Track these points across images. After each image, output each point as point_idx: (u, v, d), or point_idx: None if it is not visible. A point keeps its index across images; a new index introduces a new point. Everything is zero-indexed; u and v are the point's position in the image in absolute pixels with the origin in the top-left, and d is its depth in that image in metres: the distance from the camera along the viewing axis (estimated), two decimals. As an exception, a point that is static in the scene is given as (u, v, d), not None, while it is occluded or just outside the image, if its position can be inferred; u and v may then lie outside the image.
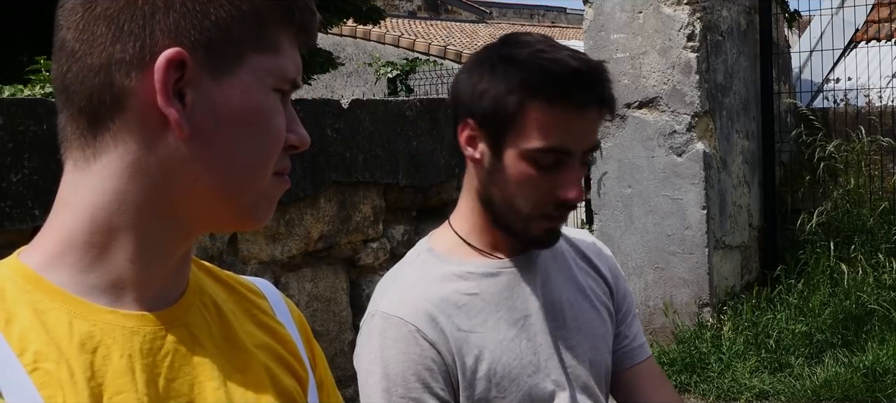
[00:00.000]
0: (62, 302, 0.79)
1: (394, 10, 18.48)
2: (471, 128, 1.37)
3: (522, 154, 1.34)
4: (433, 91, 10.36)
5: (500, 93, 1.33)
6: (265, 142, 0.83)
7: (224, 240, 2.89)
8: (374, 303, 1.43)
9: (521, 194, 1.37)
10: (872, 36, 8.13)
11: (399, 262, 1.51)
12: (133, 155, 0.80)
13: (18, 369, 0.75)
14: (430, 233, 1.53)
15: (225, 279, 0.95)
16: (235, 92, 0.81)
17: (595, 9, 5.71)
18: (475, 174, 1.42)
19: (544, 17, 26.08)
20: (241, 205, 0.85)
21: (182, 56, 0.78)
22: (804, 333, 5.23)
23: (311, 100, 3.25)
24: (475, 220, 1.45)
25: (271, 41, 0.83)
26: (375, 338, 1.38)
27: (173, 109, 0.78)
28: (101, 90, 0.79)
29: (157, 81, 0.78)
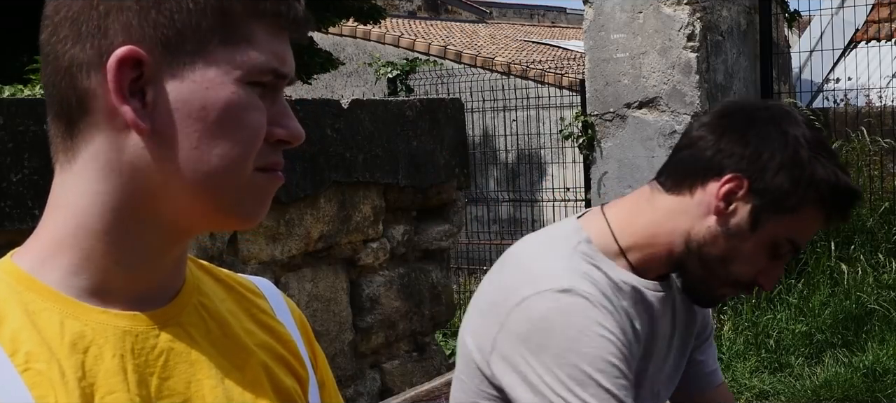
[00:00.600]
0: (54, 302, 0.79)
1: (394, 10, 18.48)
2: (739, 187, 1.36)
3: (774, 240, 1.38)
4: (433, 91, 10.36)
5: (796, 186, 1.34)
6: (236, 138, 0.80)
7: (224, 240, 2.89)
8: (541, 282, 1.34)
9: (743, 266, 1.39)
10: (872, 36, 8.13)
11: (549, 241, 1.45)
12: (104, 156, 0.80)
13: (10, 369, 0.75)
14: (580, 217, 1.47)
15: (224, 278, 0.95)
16: (198, 87, 0.79)
17: (595, 9, 5.71)
18: (699, 219, 1.39)
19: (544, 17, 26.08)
20: (221, 205, 0.82)
21: (135, 53, 0.77)
22: (804, 333, 5.23)
23: (311, 100, 3.25)
24: (648, 245, 1.42)
25: (240, 33, 0.80)
26: (582, 309, 1.31)
27: (128, 107, 0.77)
28: (68, 93, 0.79)
29: (110, 81, 0.77)
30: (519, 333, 1.32)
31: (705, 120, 1.43)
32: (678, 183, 1.41)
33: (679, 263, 1.41)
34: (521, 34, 17.51)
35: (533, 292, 1.33)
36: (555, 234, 1.46)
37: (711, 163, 1.37)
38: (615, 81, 5.68)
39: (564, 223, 1.49)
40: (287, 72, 0.84)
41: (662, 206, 1.42)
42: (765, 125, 1.37)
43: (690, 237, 1.39)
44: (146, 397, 0.79)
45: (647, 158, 5.59)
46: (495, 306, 1.37)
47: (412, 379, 3.54)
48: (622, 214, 1.45)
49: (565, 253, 1.39)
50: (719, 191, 1.36)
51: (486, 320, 1.39)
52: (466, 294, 7.73)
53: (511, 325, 1.33)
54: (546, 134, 9.88)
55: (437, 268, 3.78)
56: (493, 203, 10.40)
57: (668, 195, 1.42)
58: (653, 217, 1.42)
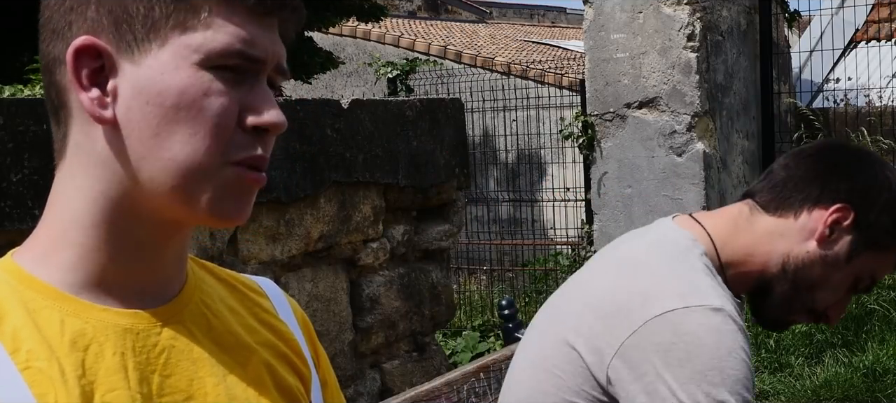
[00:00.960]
0: (54, 300, 0.79)
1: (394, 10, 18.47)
2: (845, 218, 1.42)
3: (861, 273, 1.44)
4: (433, 91, 10.36)
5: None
6: (196, 124, 0.78)
7: (224, 240, 2.89)
8: (690, 297, 1.33)
9: (827, 294, 1.45)
10: (872, 36, 8.13)
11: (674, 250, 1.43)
12: (83, 149, 0.81)
13: (11, 367, 0.75)
14: (688, 229, 1.47)
15: (226, 277, 0.95)
16: (153, 73, 0.78)
17: (595, 9, 5.71)
18: (799, 242, 1.43)
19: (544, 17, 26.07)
20: (194, 198, 0.79)
21: (91, 42, 0.78)
22: (804, 333, 5.23)
23: (311, 100, 3.25)
24: (744, 263, 1.45)
25: (198, 16, 0.78)
26: (731, 331, 1.31)
27: (85, 95, 0.78)
28: (50, 90, 0.82)
29: (68, 71, 0.78)
30: (659, 343, 1.30)
31: (809, 150, 1.49)
32: (781, 205, 1.44)
33: (768, 284, 1.44)
34: (521, 34, 17.51)
35: (682, 305, 1.32)
36: (676, 241, 1.44)
37: (821, 191, 1.42)
38: (615, 81, 5.68)
39: (674, 231, 1.48)
40: (258, 55, 0.80)
41: (763, 227, 1.45)
42: (871, 165, 1.45)
43: (788, 259, 1.43)
44: (147, 394, 0.79)
45: (647, 158, 5.59)
46: (625, 311, 1.35)
47: (412, 379, 3.54)
48: (722, 229, 1.46)
49: (699, 268, 1.40)
50: (828, 219, 1.41)
51: (609, 322, 1.36)
52: (466, 294, 7.73)
53: (648, 334, 1.31)
54: (546, 134, 9.88)
55: (437, 268, 3.77)
56: (493, 203, 10.40)
57: (769, 216, 1.45)
58: (752, 236, 1.45)
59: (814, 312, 1.47)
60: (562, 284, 1.62)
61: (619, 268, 1.45)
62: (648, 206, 5.59)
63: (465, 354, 5.82)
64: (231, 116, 0.79)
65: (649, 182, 5.58)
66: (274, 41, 0.82)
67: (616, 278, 1.43)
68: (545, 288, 7.78)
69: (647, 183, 5.59)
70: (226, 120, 0.79)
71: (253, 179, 0.81)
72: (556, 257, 8.52)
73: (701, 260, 1.41)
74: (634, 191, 5.64)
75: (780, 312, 1.47)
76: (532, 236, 9.84)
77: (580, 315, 1.42)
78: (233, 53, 0.79)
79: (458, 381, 1.98)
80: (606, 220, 5.75)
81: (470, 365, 2.07)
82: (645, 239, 1.50)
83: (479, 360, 2.11)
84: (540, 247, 9.43)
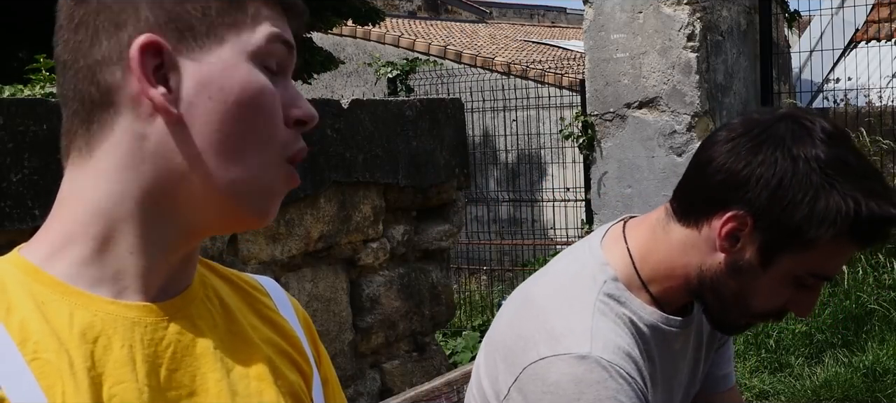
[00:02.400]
0: (62, 293, 0.79)
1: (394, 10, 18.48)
2: (743, 225, 1.26)
3: (793, 274, 1.27)
4: (433, 91, 10.36)
5: (808, 221, 1.22)
6: (256, 116, 0.82)
7: (224, 240, 2.89)
8: (560, 343, 1.26)
9: (761, 300, 1.30)
10: (872, 36, 8.14)
11: (573, 284, 1.35)
12: (126, 145, 0.81)
13: (18, 359, 0.75)
14: (604, 239, 1.39)
15: (229, 276, 0.96)
16: (216, 69, 0.81)
17: (595, 9, 5.71)
18: (708, 254, 1.30)
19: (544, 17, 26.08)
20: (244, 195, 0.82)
21: (153, 40, 0.79)
22: (804, 333, 5.23)
23: (311, 100, 3.25)
24: (667, 278, 1.34)
25: (248, 15, 0.82)
26: (597, 381, 1.23)
27: (157, 92, 0.79)
28: (90, 91, 0.81)
29: (135, 69, 0.79)
30: (533, 391, 1.25)
31: (719, 136, 1.31)
32: (686, 214, 1.32)
33: (697, 295, 1.35)
34: (521, 34, 17.51)
35: (550, 353, 1.25)
36: (579, 273, 1.36)
37: (715, 196, 1.27)
38: (615, 81, 5.68)
39: (589, 254, 1.39)
40: (292, 42, 0.86)
41: (676, 238, 1.33)
42: (772, 150, 1.24)
43: (703, 272, 1.31)
44: (155, 387, 0.80)
45: (647, 158, 5.59)
46: (512, 355, 1.30)
47: (412, 379, 3.54)
48: (642, 242, 1.36)
49: (588, 303, 1.30)
50: (722, 230, 1.27)
51: (500, 367, 1.32)
52: (466, 294, 7.73)
53: (524, 383, 1.26)
54: (546, 134, 9.88)
55: (437, 268, 3.78)
56: (493, 203, 10.40)
57: (680, 226, 1.33)
58: (668, 250, 1.34)
59: (763, 315, 1.34)
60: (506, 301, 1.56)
61: (519, 306, 1.38)
62: (648, 206, 5.59)
63: (465, 354, 5.82)
64: (280, 111, 0.84)
65: (649, 182, 5.58)
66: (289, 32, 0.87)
67: (513, 318, 1.36)
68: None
69: (647, 183, 5.59)
70: (278, 115, 0.83)
71: (295, 179, 0.86)
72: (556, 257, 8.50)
73: (595, 292, 1.32)
74: (634, 191, 5.64)
75: (724, 320, 1.36)
76: (532, 236, 9.84)
77: (487, 352, 1.38)
78: (275, 38, 0.83)
79: (458, 381, 1.98)
80: (606, 220, 5.73)
81: (470, 365, 2.07)
82: (556, 263, 1.43)
83: (479, 360, 2.11)
84: (540, 247, 9.43)
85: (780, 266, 1.26)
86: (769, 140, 1.25)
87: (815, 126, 1.25)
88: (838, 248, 1.25)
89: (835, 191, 1.22)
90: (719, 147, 1.28)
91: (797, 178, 1.22)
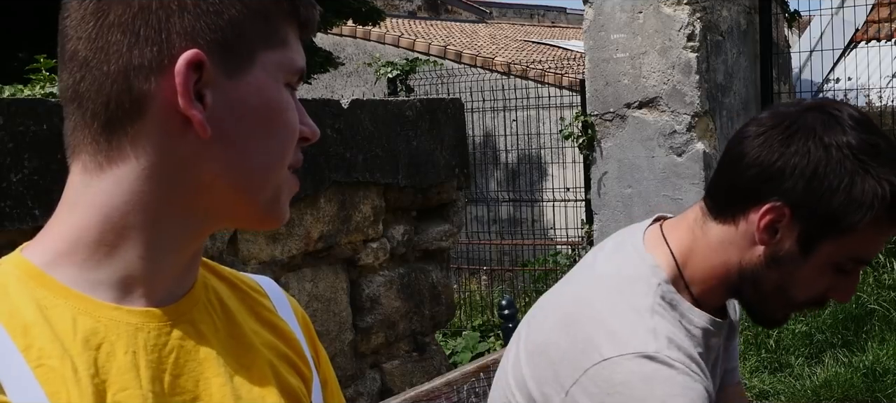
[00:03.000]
0: (66, 298, 0.79)
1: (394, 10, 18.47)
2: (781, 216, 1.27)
3: (834, 261, 1.29)
4: (433, 91, 10.35)
5: (845, 207, 1.24)
6: (282, 137, 0.84)
7: (224, 240, 2.89)
8: (626, 344, 1.26)
9: (802, 289, 1.32)
10: (872, 36, 8.14)
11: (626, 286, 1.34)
12: (152, 157, 0.80)
13: (23, 365, 0.75)
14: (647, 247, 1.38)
15: (228, 276, 0.95)
16: (252, 89, 0.82)
17: (595, 9, 5.71)
18: (747, 249, 1.31)
19: (544, 17, 26.07)
20: (260, 202, 0.85)
21: (200, 57, 0.79)
22: (804, 333, 5.23)
23: (311, 100, 3.25)
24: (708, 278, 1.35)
25: (279, 36, 0.84)
26: (666, 378, 1.23)
27: (196, 111, 0.79)
28: (120, 96, 0.79)
29: (179, 84, 0.78)
30: (597, 393, 1.25)
31: (749, 131, 1.33)
32: (722, 211, 1.33)
33: (736, 292, 1.36)
34: (521, 34, 17.51)
35: (616, 353, 1.25)
36: (633, 276, 1.36)
37: (750, 190, 1.29)
38: (615, 81, 5.68)
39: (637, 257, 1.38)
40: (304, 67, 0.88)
41: (714, 236, 1.34)
42: (804, 140, 1.26)
43: (743, 267, 1.32)
44: (159, 393, 0.79)
45: (647, 158, 5.58)
46: (568, 358, 1.30)
47: (412, 379, 3.54)
48: (683, 244, 1.37)
49: (647, 306, 1.30)
50: (760, 223, 1.28)
51: (555, 369, 1.31)
52: (466, 294, 7.73)
53: (588, 384, 1.26)
54: (546, 134, 9.88)
55: (437, 268, 3.78)
56: (493, 203, 10.40)
57: (716, 224, 1.34)
58: (708, 250, 1.35)
59: (804, 304, 1.35)
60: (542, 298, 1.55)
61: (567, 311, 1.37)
62: (648, 206, 5.59)
63: (465, 354, 5.82)
64: (298, 129, 0.86)
65: (649, 182, 5.58)
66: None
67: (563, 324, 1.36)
68: (545, 288, 7.77)
69: (647, 183, 5.59)
70: (297, 131, 0.86)
71: (296, 182, 0.88)
72: (555, 257, 8.52)
73: (650, 296, 1.32)
74: (634, 191, 5.64)
75: (764, 313, 1.37)
76: (532, 236, 9.84)
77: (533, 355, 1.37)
78: (299, 69, 0.86)
79: (458, 381, 1.98)
80: (606, 220, 5.75)
81: (470, 365, 2.08)
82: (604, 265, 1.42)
83: (479, 360, 2.11)
84: (540, 247, 9.43)
85: (820, 253, 1.28)
86: (800, 130, 1.27)
87: (843, 114, 1.28)
88: (877, 231, 1.27)
89: (869, 175, 1.24)
90: (750, 141, 1.30)
91: (831, 166, 1.24)
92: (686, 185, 5.46)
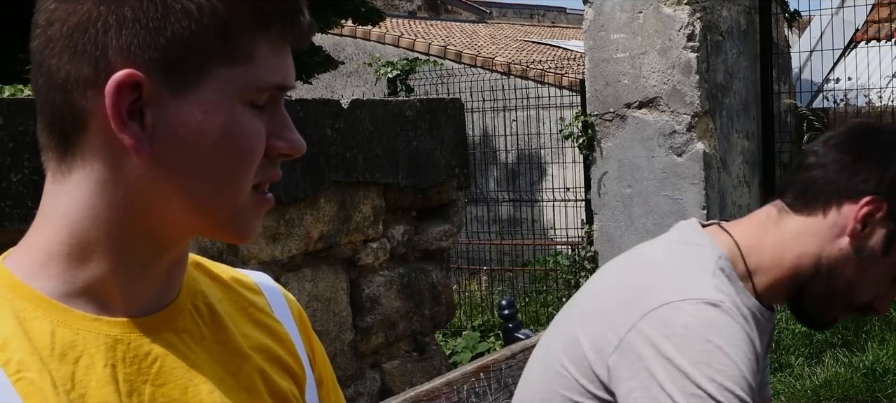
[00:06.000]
0: (45, 310, 0.78)
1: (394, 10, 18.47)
2: (878, 210, 1.34)
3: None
4: (433, 91, 10.35)
5: None
6: (234, 159, 0.79)
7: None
8: (687, 290, 1.29)
9: (867, 290, 1.39)
10: (872, 36, 8.13)
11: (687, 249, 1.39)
12: (100, 174, 0.78)
13: (3, 377, 0.74)
14: (711, 235, 1.42)
15: (221, 276, 0.94)
16: (198, 109, 0.77)
17: (595, 9, 5.71)
18: (830, 240, 1.37)
19: (544, 17, 26.06)
20: (217, 223, 0.81)
21: (135, 77, 0.75)
22: (804, 333, 5.23)
23: (311, 100, 3.25)
24: (774, 268, 1.39)
25: (242, 51, 0.78)
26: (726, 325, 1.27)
27: (127, 134, 0.76)
28: (63, 108, 0.77)
29: (109, 106, 0.75)
30: (652, 336, 1.27)
31: (836, 140, 1.39)
32: (809, 203, 1.38)
33: (803, 286, 1.39)
34: (521, 34, 17.51)
35: (678, 298, 1.28)
36: (694, 243, 1.40)
37: (849, 184, 1.35)
38: (615, 81, 5.68)
39: (690, 232, 1.43)
40: (290, 85, 0.82)
41: (791, 228, 1.38)
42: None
43: (821, 260, 1.36)
44: None
45: (647, 158, 5.58)
46: (625, 305, 1.32)
47: (412, 379, 3.54)
48: (749, 234, 1.41)
49: (708, 267, 1.35)
50: (858, 213, 1.34)
51: (611, 318, 1.33)
52: (466, 294, 7.73)
53: (645, 327, 1.28)
54: (546, 134, 9.88)
55: (437, 268, 3.77)
56: (493, 203, 10.40)
57: (797, 216, 1.38)
58: (780, 240, 1.39)
59: (857, 308, 1.41)
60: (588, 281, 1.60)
61: (626, 266, 1.43)
62: (648, 206, 5.59)
63: (465, 354, 5.82)
64: (262, 149, 0.80)
65: (649, 182, 5.58)
66: (292, 64, 0.83)
67: (621, 275, 1.42)
68: (545, 288, 7.78)
69: (647, 183, 5.59)
70: (258, 153, 0.80)
71: (267, 201, 0.83)
72: (556, 257, 8.52)
73: (712, 261, 1.36)
74: (634, 191, 5.64)
75: (820, 311, 1.42)
76: (532, 236, 9.84)
77: (588, 313, 1.40)
78: (270, 86, 0.80)
79: (458, 381, 1.98)
80: (606, 220, 5.75)
81: (470, 365, 2.07)
82: (661, 239, 1.47)
83: (479, 360, 2.11)
84: (540, 247, 9.43)
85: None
86: None
87: None
88: None
89: None
90: (846, 143, 1.38)
91: None
92: (686, 185, 5.46)
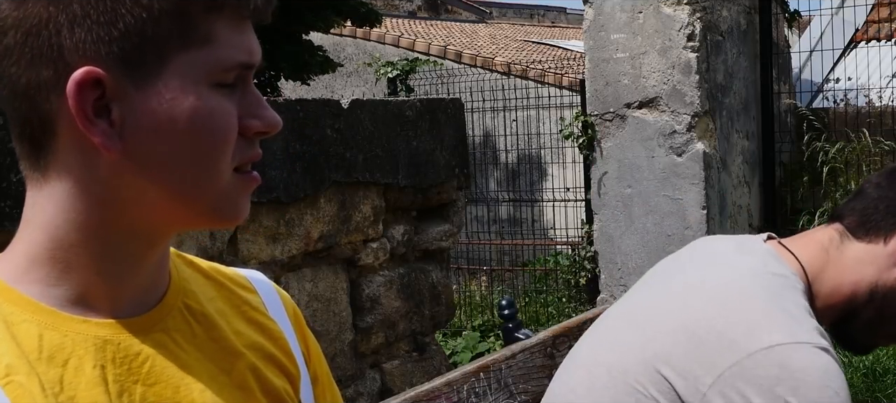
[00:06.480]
0: (33, 313, 0.78)
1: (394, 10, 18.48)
2: None
3: None
4: (433, 91, 10.35)
5: None
6: (207, 143, 0.78)
7: (224, 240, 2.89)
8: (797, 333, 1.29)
9: None
10: (872, 36, 8.13)
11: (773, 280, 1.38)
12: (75, 176, 0.78)
13: None
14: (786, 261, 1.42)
15: (213, 274, 0.94)
16: (163, 98, 0.76)
17: (595, 9, 5.71)
18: (888, 268, 1.39)
19: (544, 17, 26.06)
20: (200, 210, 0.81)
21: (94, 74, 0.74)
22: (804, 333, 5.22)
23: (311, 100, 3.25)
24: (833, 295, 1.41)
25: (200, 34, 0.77)
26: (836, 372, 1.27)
27: (95, 133, 0.75)
28: (30, 115, 0.77)
29: (72, 106, 0.74)
30: (763, 377, 1.26)
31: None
32: (871, 229, 1.39)
33: (854, 312, 1.40)
34: (521, 34, 17.51)
35: (790, 340, 1.27)
36: (780, 274, 1.39)
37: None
38: (615, 81, 5.67)
39: (770, 260, 1.42)
40: (254, 61, 0.81)
41: (851, 255, 1.40)
42: None
43: (877, 287, 1.38)
44: None
45: (647, 158, 5.58)
46: (726, 339, 1.30)
47: (412, 379, 3.54)
48: (815, 258, 1.42)
49: (802, 304, 1.35)
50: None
51: (706, 349, 1.31)
52: (466, 294, 7.73)
53: (752, 367, 1.26)
54: (546, 134, 9.88)
55: (437, 268, 3.77)
56: (493, 203, 10.40)
57: (858, 242, 1.40)
58: (840, 267, 1.40)
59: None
60: (646, 275, 1.56)
61: (719, 293, 1.38)
62: (648, 206, 5.59)
63: (465, 354, 5.82)
64: (235, 129, 0.80)
65: (649, 182, 5.58)
66: (256, 40, 0.82)
67: (716, 304, 1.36)
68: (545, 288, 7.78)
69: (647, 183, 5.59)
70: (232, 135, 0.79)
71: (252, 179, 0.82)
72: (556, 257, 8.52)
73: (802, 299, 1.36)
74: (634, 190, 5.64)
75: (865, 337, 1.44)
76: (532, 236, 9.84)
77: (673, 337, 1.36)
78: (234, 66, 0.79)
79: (458, 381, 1.98)
80: (606, 220, 5.75)
81: (470, 365, 2.07)
82: (743, 263, 1.44)
83: (479, 360, 2.10)
84: (540, 247, 9.44)
85: None
86: None
87: None
88: None
89: None
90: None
91: None
92: (686, 185, 5.46)
